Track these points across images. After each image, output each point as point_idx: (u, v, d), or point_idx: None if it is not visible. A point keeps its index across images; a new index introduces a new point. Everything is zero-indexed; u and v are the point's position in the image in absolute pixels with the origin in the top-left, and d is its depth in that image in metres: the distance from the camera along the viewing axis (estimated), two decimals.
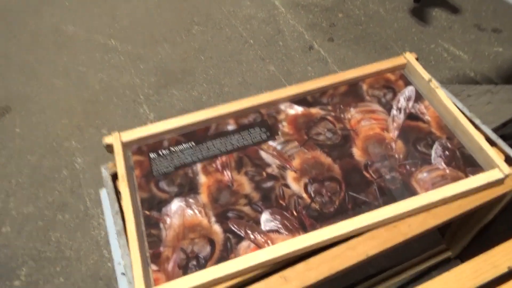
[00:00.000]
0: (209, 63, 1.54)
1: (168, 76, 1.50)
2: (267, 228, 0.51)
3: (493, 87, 1.09)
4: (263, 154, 0.58)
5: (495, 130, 0.70)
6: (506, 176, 0.52)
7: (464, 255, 0.69)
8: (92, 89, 1.46)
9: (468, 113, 0.61)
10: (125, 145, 0.59)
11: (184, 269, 0.48)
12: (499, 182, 0.53)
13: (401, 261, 0.71)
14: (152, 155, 0.59)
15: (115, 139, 0.58)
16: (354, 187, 0.54)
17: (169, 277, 0.47)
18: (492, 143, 0.57)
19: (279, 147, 0.58)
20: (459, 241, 0.67)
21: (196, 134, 0.61)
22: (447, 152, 0.56)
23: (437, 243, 0.71)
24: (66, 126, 1.35)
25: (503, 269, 0.47)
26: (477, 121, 0.60)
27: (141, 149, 0.59)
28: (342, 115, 0.62)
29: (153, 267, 0.48)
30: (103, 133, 1.32)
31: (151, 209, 0.53)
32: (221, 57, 1.56)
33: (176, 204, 0.53)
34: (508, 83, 1.13)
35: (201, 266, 0.48)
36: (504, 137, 0.58)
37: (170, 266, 0.48)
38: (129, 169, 0.57)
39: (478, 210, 0.53)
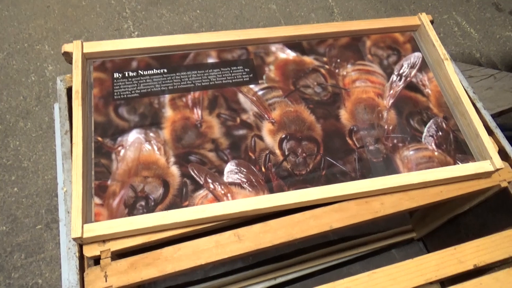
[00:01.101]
0: None
1: None
2: (230, 180, 0.46)
3: (497, 72, 1.03)
4: (241, 97, 0.51)
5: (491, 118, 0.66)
6: (496, 170, 0.48)
7: (429, 240, 0.67)
8: None
9: (472, 94, 0.56)
10: (87, 58, 0.52)
11: (130, 208, 0.43)
12: (487, 175, 0.49)
13: (363, 232, 0.69)
14: (116, 74, 0.51)
15: (76, 48, 0.50)
16: (332, 152, 0.49)
17: (112, 214, 0.43)
18: (489, 131, 0.52)
19: (260, 93, 0.52)
20: (426, 225, 0.65)
21: (170, 60, 0.53)
22: (440, 133, 0.51)
23: (403, 222, 0.68)
24: (41, 28, 1.22)
25: (468, 266, 0.44)
26: (479, 105, 0.55)
27: (105, 65, 0.52)
28: (336, 71, 0.55)
29: (96, 200, 0.43)
30: None
31: (104, 136, 0.47)
32: None
33: (134, 135, 0.47)
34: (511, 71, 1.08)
35: (149, 208, 0.43)
36: (504, 128, 0.53)
37: (115, 202, 0.43)
38: (87, 86, 0.50)
39: (455, 199, 0.50)
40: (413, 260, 0.44)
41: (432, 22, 0.61)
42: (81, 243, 0.42)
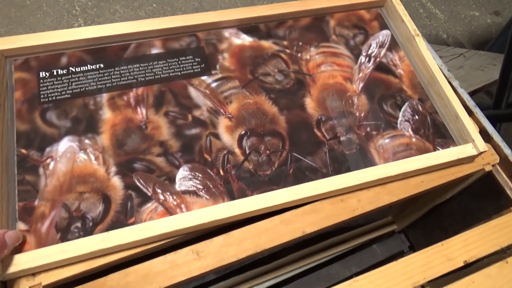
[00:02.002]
0: None
1: None
2: (183, 188, 0.39)
3: (466, 51, 1.01)
4: (192, 91, 0.45)
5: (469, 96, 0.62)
6: (480, 154, 0.43)
7: (411, 231, 0.62)
8: None
9: (446, 72, 0.51)
10: (7, 56, 0.44)
11: (64, 232, 0.36)
12: (470, 159, 0.44)
13: (340, 228, 0.63)
14: (42, 73, 0.43)
15: None
16: (300, 147, 0.43)
17: (42, 241, 0.35)
18: (468, 111, 0.48)
19: (214, 85, 0.45)
20: (407, 216, 0.60)
21: (107, 53, 0.46)
22: (416, 117, 0.47)
23: (383, 214, 0.64)
24: None
25: (458, 263, 0.40)
26: (455, 83, 0.51)
27: (28, 63, 0.44)
28: (299, 55, 0.49)
29: (21, 225, 0.36)
30: None
31: (29, 147, 0.39)
32: None
33: (65, 144, 0.40)
34: (479, 50, 1.07)
35: (87, 230, 0.36)
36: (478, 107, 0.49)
37: (44, 226, 0.36)
38: (6, 89, 0.42)
39: (437, 188, 0.45)
40: (398, 262, 0.39)
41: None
42: (3, 279, 0.34)
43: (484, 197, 0.49)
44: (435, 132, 0.46)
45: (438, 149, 0.44)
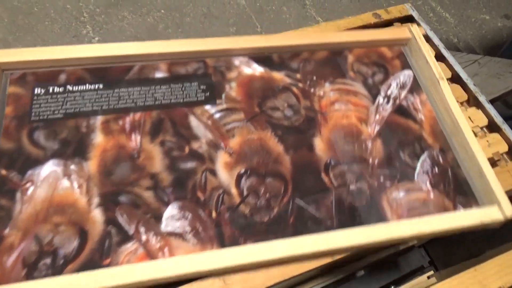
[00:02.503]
0: None
1: None
2: (169, 228, 0.35)
3: (480, 57, 0.98)
4: (193, 121, 0.41)
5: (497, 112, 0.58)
6: (507, 219, 0.38)
7: (430, 246, 0.57)
8: None
9: (472, 87, 0.48)
10: (4, 69, 0.41)
11: (31, 268, 0.32)
12: (495, 224, 0.39)
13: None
14: (37, 90, 0.41)
15: None
16: (304, 193, 0.39)
17: (5, 276, 0.32)
18: (496, 128, 0.46)
19: (217, 116, 0.42)
20: None
21: (109, 74, 0.43)
22: (436, 169, 0.42)
23: None
24: None
25: None
26: (482, 98, 0.48)
27: (24, 78, 0.42)
28: (312, 90, 0.46)
29: None
30: None
31: (10, 168, 0.36)
32: None
33: (49, 168, 0.37)
34: (489, 55, 1.04)
35: (56, 268, 0.32)
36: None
37: (11, 259, 0.32)
38: None
39: None
40: None
41: (425, 36, 0.52)
42: None
43: None
44: (456, 188, 0.41)
45: (459, 208, 0.40)
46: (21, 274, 0.32)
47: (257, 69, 0.46)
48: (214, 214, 0.36)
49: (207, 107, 0.43)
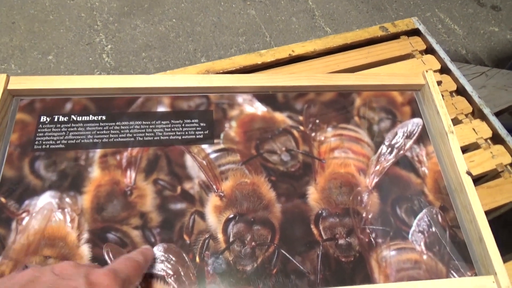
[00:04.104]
0: None
1: (133, 3, 1.29)
2: (152, 270, 0.36)
3: (488, 69, 0.97)
4: (188, 160, 0.42)
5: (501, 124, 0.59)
6: None
7: None
8: (41, 6, 1.24)
9: (477, 99, 0.50)
10: (14, 95, 0.43)
11: None
12: None
13: None
14: (43, 118, 0.43)
15: None
16: (291, 244, 0.38)
17: None
18: (500, 140, 0.47)
19: (213, 156, 0.42)
20: None
21: (113, 105, 0.44)
22: (433, 229, 0.40)
23: None
24: (6, 46, 1.15)
25: None
26: (487, 111, 0.49)
27: (33, 105, 0.43)
28: (313, 134, 0.45)
29: None
30: (49, 59, 1.13)
31: (9, 196, 0.38)
32: None
33: (45, 199, 0.38)
34: (498, 67, 1.01)
35: None
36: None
37: None
38: (5, 130, 0.41)
39: None
40: None
41: (439, 83, 0.50)
42: None
43: None
44: (453, 252, 0.39)
45: (452, 275, 0.38)
46: None
47: (259, 108, 0.46)
48: (197, 259, 0.37)
49: (204, 146, 0.43)
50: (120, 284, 0.28)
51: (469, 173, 0.42)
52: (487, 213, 0.44)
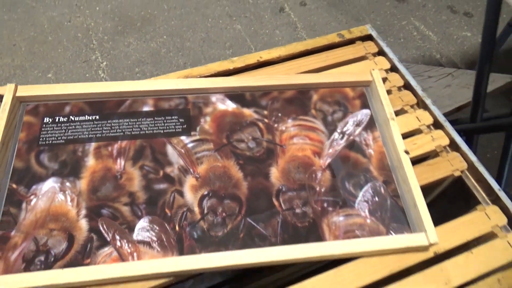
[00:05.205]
0: (172, 13, 1.43)
1: (126, 23, 1.39)
2: (140, 237, 0.43)
3: (454, 70, 1.08)
4: (169, 149, 0.50)
5: (449, 113, 0.77)
6: (431, 245, 0.44)
7: None
8: (40, 28, 1.35)
9: (420, 92, 0.57)
10: (22, 101, 0.51)
11: (28, 263, 0.41)
12: (421, 249, 0.45)
13: None
14: (46, 119, 0.51)
15: (8, 91, 0.50)
16: (255, 214, 0.46)
17: (8, 268, 0.41)
18: (439, 125, 0.56)
19: (190, 145, 0.50)
20: None
21: (105, 107, 0.52)
22: (376, 198, 0.48)
23: None
24: (8, 66, 1.25)
25: (429, 254, 0.40)
26: (428, 101, 0.57)
27: (37, 109, 0.51)
28: (275, 125, 0.53)
29: None
30: (49, 77, 1.22)
31: (19, 183, 0.46)
32: (186, 8, 1.45)
33: (49, 184, 0.46)
34: (471, 69, 1.15)
35: (47, 265, 0.41)
36: (457, 122, 0.57)
37: (14, 255, 0.41)
38: (14, 130, 0.49)
39: None
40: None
41: (384, 79, 0.59)
42: None
43: (457, 200, 0.55)
44: (392, 216, 0.47)
45: (391, 234, 0.46)
46: (21, 267, 0.41)
47: (230, 106, 0.54)
48: (177, 228, 0.44)
49: (183, 137, 0.51)
50: None
51: (406, 152, 0.50)
52: (430, 187, 0.52)
